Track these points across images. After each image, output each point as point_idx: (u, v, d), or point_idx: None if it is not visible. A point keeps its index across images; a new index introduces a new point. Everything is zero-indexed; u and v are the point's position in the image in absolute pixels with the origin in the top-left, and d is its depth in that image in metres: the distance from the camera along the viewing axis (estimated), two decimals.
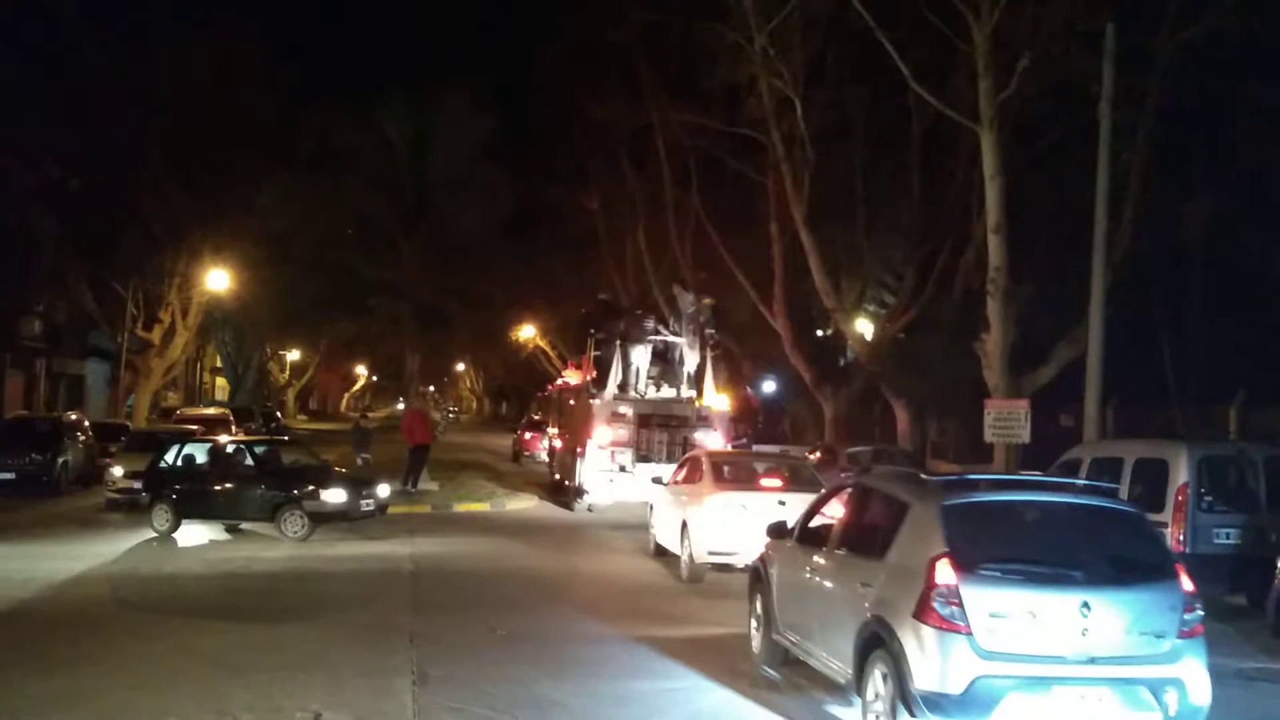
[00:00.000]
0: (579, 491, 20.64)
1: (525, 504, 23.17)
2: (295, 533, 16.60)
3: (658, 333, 21.38)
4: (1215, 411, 19.22)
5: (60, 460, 23.07)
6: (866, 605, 7.17)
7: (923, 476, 7.99)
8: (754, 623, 9.52)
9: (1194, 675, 6.78)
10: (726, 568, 13.30)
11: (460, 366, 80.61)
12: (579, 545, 17.59)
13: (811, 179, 24.99)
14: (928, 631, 6.58)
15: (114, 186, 30.90)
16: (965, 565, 6.64)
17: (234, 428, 27.95)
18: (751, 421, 27.74)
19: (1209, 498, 12.01)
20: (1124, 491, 12.63)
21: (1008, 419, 17.89)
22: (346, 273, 29.00)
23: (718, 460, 15.14)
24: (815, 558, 8.35)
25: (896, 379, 25.81)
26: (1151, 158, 19.05)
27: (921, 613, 6.63)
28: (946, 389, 23.80)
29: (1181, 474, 11.97)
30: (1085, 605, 6.55)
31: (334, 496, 16.97)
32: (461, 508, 21.92)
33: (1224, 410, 18.88)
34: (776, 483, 13.96)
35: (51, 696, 8.17)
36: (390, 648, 9.95)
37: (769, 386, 27.00)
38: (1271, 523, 11.93)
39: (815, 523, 8.93)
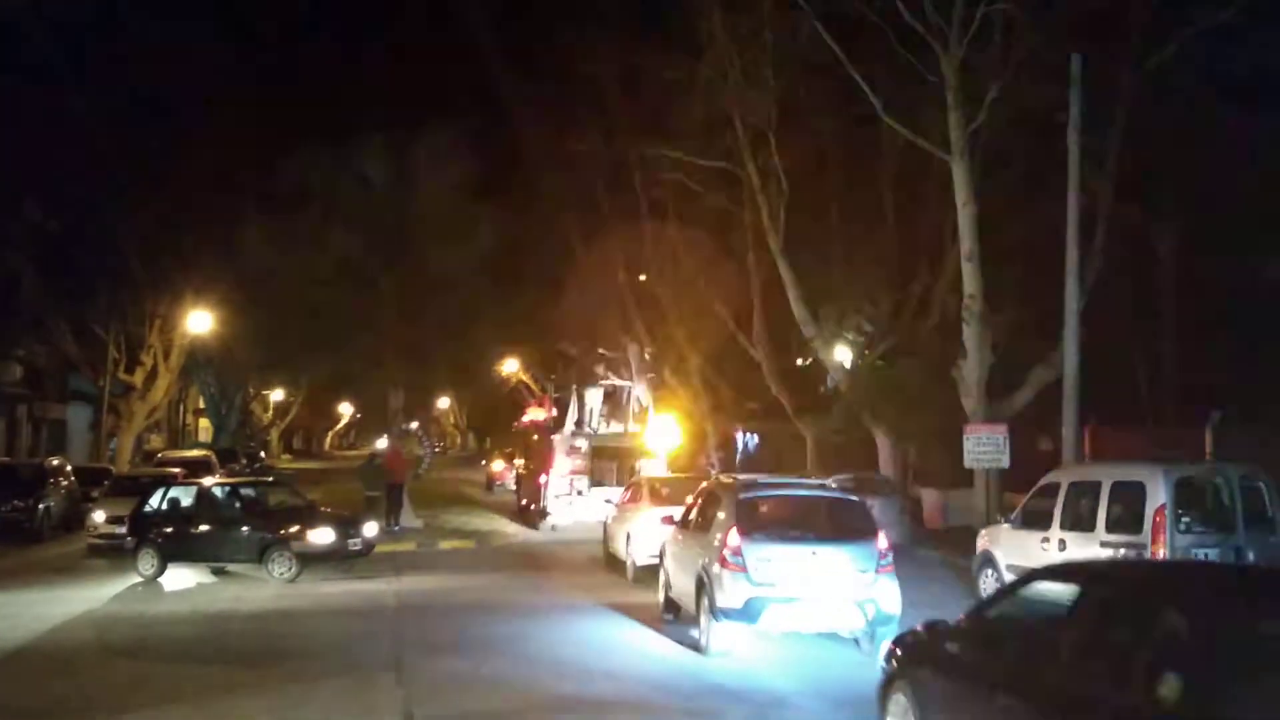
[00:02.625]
0: (543, 513, 23.86)
1: (507, 540, 23.30)
2: (284, 574, 16.55)
3: (607, 378, 25.07)
4: (1191, 432, 19.40)
5: (42, 506, 22.87)
6: (701, 562, 11.44)
7: (733, 480, 12.78)
8: (660, 589, 13.44)
9: (886, 595, 10.75)
10: None
11: (444, 402, 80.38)
12: (551, 568, 18.97)
13: (787, 210, 25.22)
14: (725, 572, 10.80)
15: (93, 229, 30.89)
16: (746, 532, 10.91)
17: (217, 469, 27.81)
18: (731, 450, 27.93)
19: (1186, 519, 12.06)
20: (1102, 514, 12.83)
21: (987, 444, 18.05)
22: (328, 312, 29.04)
23: (654, 483, 18.44)
24: (683, 537, 12.78)
25: (876, 406, 25.93)
26: (1120, 182, 19.35)
27: (721, 562, 10.88)
28: (926, 415, 23.95)
29: (1159, 496, 12.02)
30: (814, 553, 10.77)
31: (322, 537, 16.94)
32: (446, 545, 21.95)
33: (1199, 431, 19.06)
34: None
35: None
36: (376, 688, 9.95)
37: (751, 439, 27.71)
38: (1249, 542, 12.00)
39: (690, 515, 12.87)
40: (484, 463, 46.63)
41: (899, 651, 7.45)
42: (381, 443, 34.86)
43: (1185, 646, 5.16)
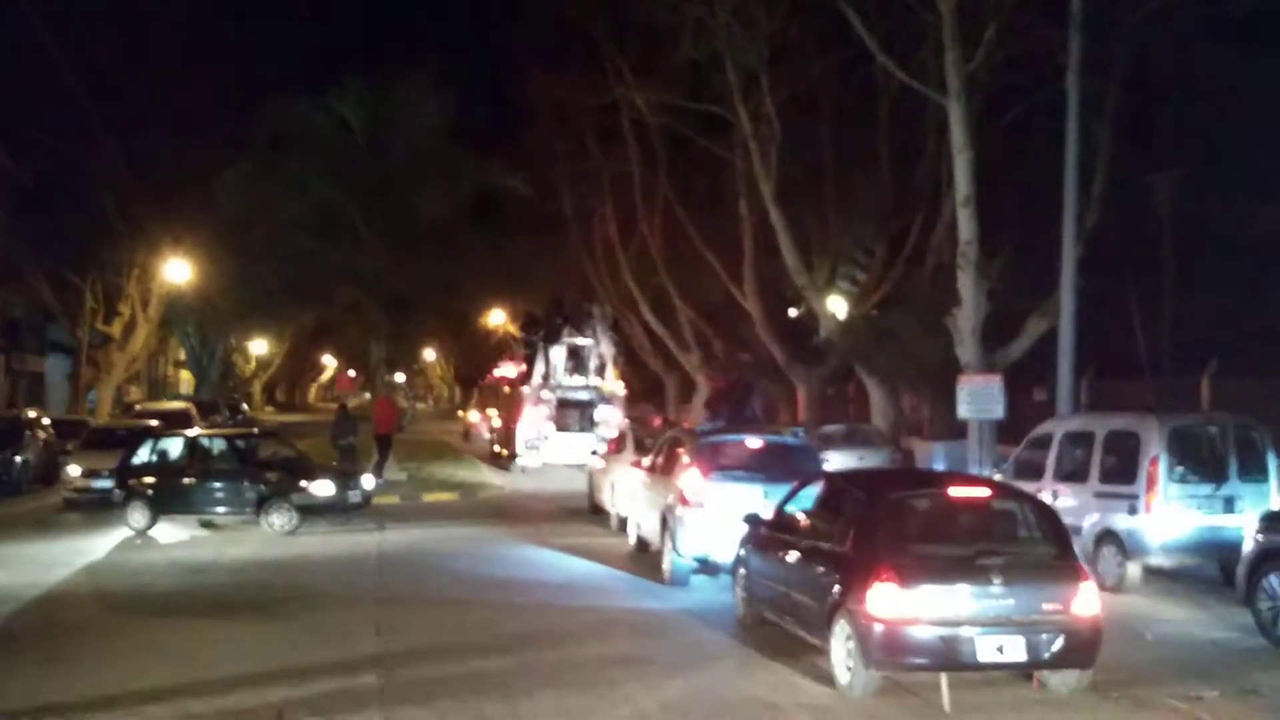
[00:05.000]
0: (513, 456, 26.56)
1: (491, 492, 23.20)
2: (283, 526, 16.34)
3: (570, 337, 27.39)
4: (1187, 383, 19.20)
5: (20, 459, 22.59)
6: (665, 501, 12.81)
7: (694, 429, 14.98)
8: (631, 528, 14.97)
9: None
10: None
11: (430, 354, 79.94)
12: (536, 519, 18.83)
13: (779, 155, 24.79)
14: (685, 510, 12.23)
15: (67, 177, 30.28)
16: (705, 472, 12.38)
17: (197, 421, 27.42)
18: (720, 402, 28.07)
19: (1180, 468, 11.98)
20: (1095, 465, 12.65)
21: (981, 394, 17.73)
22: (308, 260, 28.54)
23: (639, 435, 19.06)
24: (650, 480, 14.02)
25: (869, 357, 25.69)
26: (1119, 128, 18.95)
27: (682, 500, 12.30)
28: (919, 365, 23.70)
29: (1153, 446, 11.96)
30: (765, 492, 11.42)
31: (322, 489, 16.76)
32: (430, 498, 21.78)
33: (1195, 381, 18.87)
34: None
35: (14, 697, 8.00)
36: (357, 641, 9.81)
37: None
38: (1243, 491, 11.93)
39: (657, 460, 14.15)
40: (461, 413, 51.00)
41: (743, 540, 10.55)
42: (367, 395, 34.55)
43: (861, 510, 8.58)
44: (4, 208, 29.65)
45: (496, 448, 30.14)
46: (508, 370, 32.81)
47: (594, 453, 20.76)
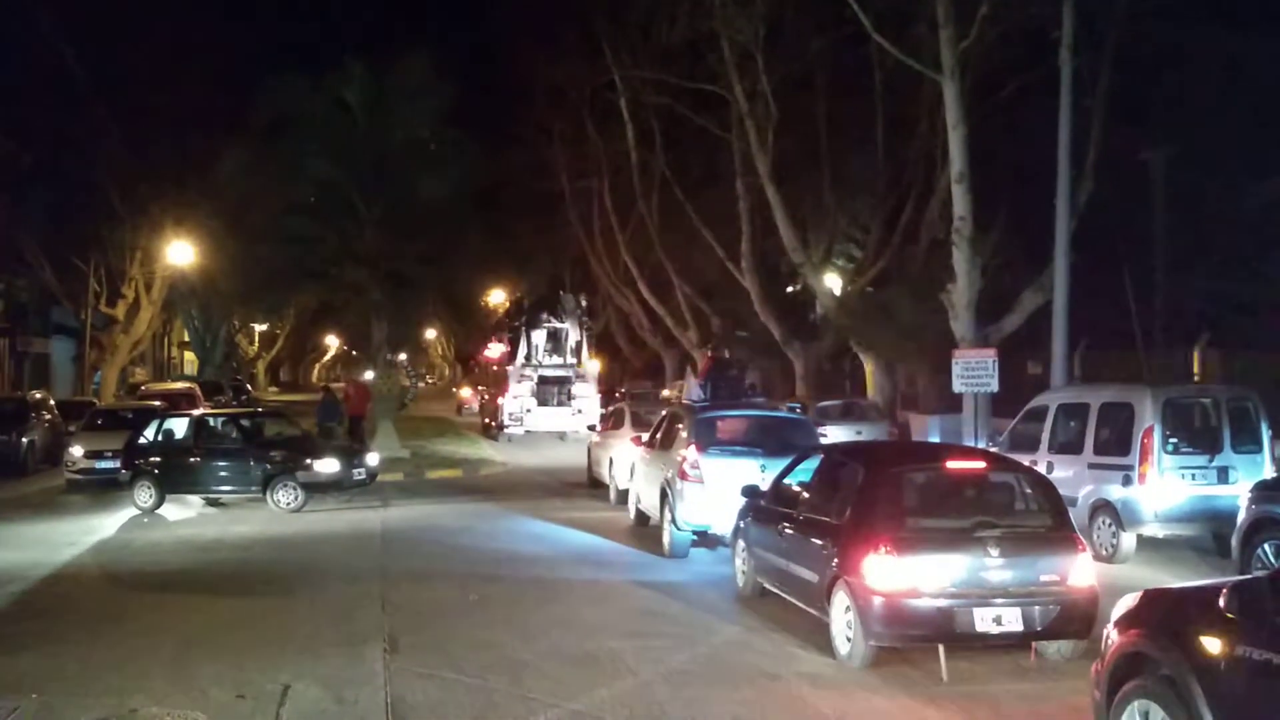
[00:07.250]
0: (501, 427, 29.29)
1: (493, 468, 23.43)
2: (289, 504, 16.56)
3: (550, 321, 30.02)
4: (1179, 354, 19.37)
5: (26, 440, 22.77)
6: (665, 476, 12.97)
7: (692, 404, 15.12)
8: (631, 502, 15.10)
9: None
10: None
11: (431, 334, 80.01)
12: (537, 494, 19.02)
13: (775, 133, 24.85)
14: (684, 484, 12.32)
15: (69, 160, 30.31)
16: (702, 448, 12.41)
17: (201, 402, 27.65)
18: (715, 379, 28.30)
19: (1174, 440, 12.09)
20: (1090, 437, 12.80)
21: (976, 368, 17.91)
22: (309, 241, 28.58)
23: (635, 411, 19.52)
24: (650, 455, 14.11)
25: (865, 332, 25.85)
26: (1112, 104, 19.03)
27: (681, 475, 12.38)
28: (915, 340, 23.88)
29: (1147, 417, 12.04)
30: (763, 466, 11.78)
31: (327, 466, 16.97)
32: (434, 474, 21.97)
33: (1188, 353, 19.03)
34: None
35: (22, 676, 8.07)
36: (362, 616, 9.91)
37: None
38: (1236, 461, 12.06)
39: (656, 435, 14.19)
40: (454, 390, 54.47)
41: (742, 512, 10.81)
42: (369, 375, 34.84)
43: (859, 483, 8.63)
44: (6, 191, 29.66)
45: (486, 420, 32.63)
46: (495, 351, 35.17)
47: (591, 427, 21.57)
